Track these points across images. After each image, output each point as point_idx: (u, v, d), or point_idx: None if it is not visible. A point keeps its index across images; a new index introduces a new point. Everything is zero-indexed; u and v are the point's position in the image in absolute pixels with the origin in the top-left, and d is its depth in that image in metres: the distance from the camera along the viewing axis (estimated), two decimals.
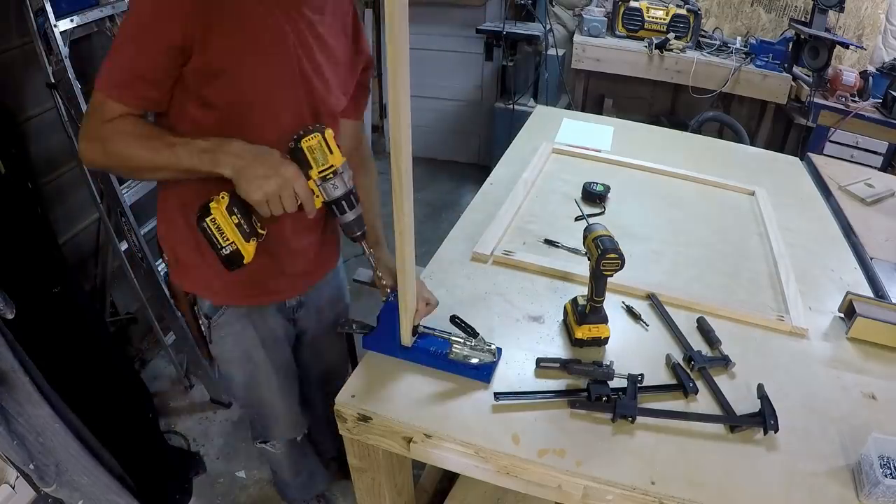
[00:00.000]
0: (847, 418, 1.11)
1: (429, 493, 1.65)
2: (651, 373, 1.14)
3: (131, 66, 0.97)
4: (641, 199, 1.78)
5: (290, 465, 1.67)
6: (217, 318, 1.27)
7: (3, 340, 1.22)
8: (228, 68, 0.99)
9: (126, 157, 1.00)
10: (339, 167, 1.01)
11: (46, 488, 1.33)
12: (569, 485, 0.98)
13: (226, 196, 0.97)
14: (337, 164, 1.01)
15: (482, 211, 1.63)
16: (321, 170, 1.00)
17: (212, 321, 1.28)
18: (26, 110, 1.81)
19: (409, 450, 1.05)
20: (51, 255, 1.73)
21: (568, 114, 2.37)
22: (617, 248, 1.12)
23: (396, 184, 0.93)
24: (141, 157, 0.99)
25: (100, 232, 2.18)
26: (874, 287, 1.51)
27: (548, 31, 3.37)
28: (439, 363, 1.12)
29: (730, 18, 3.57)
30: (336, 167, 1.01)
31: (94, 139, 1.00)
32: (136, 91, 0.99)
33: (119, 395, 1.83)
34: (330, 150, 1.00)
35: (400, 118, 0.86)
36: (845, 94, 3.05)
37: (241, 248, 1.00)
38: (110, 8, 1.82)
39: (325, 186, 1.02)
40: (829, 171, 2.12)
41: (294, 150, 0.99)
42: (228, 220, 0.98)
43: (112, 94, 0.98)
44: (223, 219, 0.97)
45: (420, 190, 3.48)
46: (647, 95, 3.81)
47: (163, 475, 1.87)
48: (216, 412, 2.24)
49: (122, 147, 0.99)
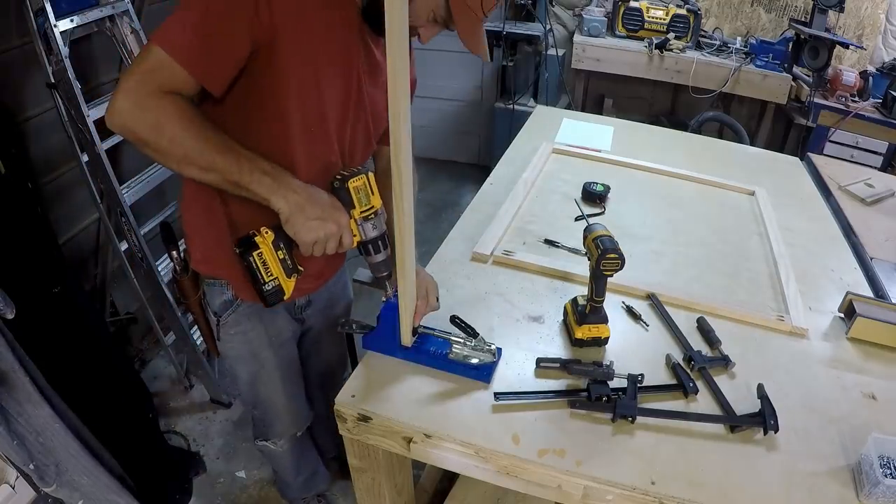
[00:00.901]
0: (847, 418, 1.11)
1: (429, 493, 1.65)
2: (651, 373, 1.14)
3: (207, 32, 0.89)
4: (641, 199, 1.78)
5: (291, 463, 1.67)
6: (226, 317, 1.27)
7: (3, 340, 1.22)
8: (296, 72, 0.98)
9: (180, 142, 0.90)
10: (379, 209, 1.04)
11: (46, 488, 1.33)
12: (569, 485, 0.98)
13: (269, 232, 0.98)
14: (378, 205, 1.04)
15: (482, 211, 1.63)
16: (363, 210, 1.02)
17: (221, 319, 1.28)
18: (26, 110, 1.81)
19: (409, 450, 1.05)
20: (51, 255, 1.73)
21: (568, 114, 2.37)
22: (617, 248, 1.12)
23: (396, 184, 0.93)
24: (198, 151, 0.91)
25: (100, 232, 2.18)
26: (874, 287, 1.51)
27: (548, 31, 3.37)
28: (439, 363, 1.12)
29: (730, 18, 3.57)
30: (377, 209, 1.04)
31: (147, 107, 0.88)
32: (209, 61, 0.90)
33: (119, 395, 1.83)
34: (372, 192, 1.03)
35: (400, 118, 0.86)
36: (845, 94, 3.05)
37: (283, 283, 1.01)
38: (110, 8, 1.82)
39: (364, 226, 1.04)
40: (829, 171, 2.12)
41: (339, 189, 1.01)
42: (274, 255, 0.99)
43: (180, 56, 0.88)
44: (270, 254, 0.98)
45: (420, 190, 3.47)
46: (647, 95, 3.82)
47: (163, 475, 1.87)
48: (216, 412, 2.24)
49: (180, 130, 0.89)
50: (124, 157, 2.11)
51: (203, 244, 1.22)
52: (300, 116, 1.03)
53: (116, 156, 2.04)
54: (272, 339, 1.33)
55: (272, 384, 1.41)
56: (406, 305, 1.08)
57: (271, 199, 0.95)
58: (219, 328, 1.30)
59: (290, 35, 0.95)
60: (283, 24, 0.94)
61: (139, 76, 0.89)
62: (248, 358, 1.35)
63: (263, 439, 1.56)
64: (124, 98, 0.88)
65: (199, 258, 1.24)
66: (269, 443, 1.55)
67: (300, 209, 0.96)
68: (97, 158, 1.78)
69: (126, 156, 2.11)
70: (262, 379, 1.39)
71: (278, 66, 0.97)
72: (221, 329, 1.29)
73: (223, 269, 1.22)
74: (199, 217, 1.20)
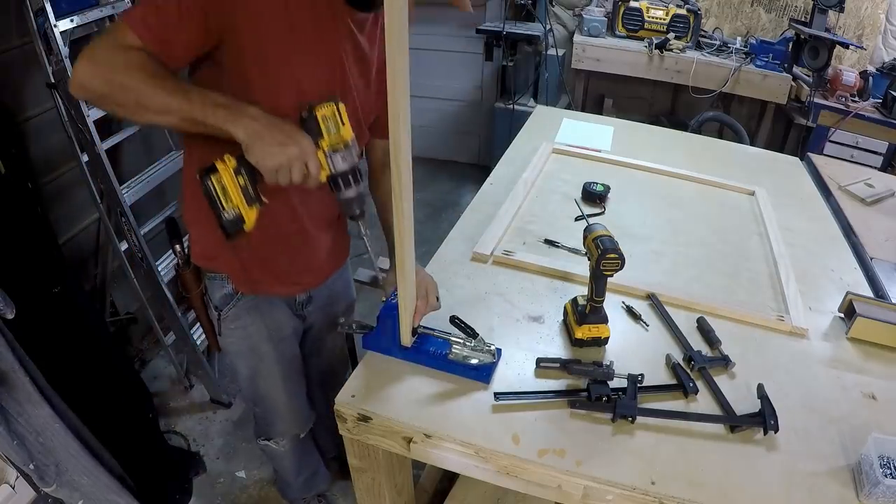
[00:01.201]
0: (847, 418, 1.10)
1: (429, 493, 1.65)
2: (651, 373, 1.14)
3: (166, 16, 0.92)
4: (641, 199, 1.78)
5: (292, 463, 1.67)
6: (227, 311, 1.28)
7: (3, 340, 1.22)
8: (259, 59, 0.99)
9: (131, 89, 0.91)
10: (349, 140, 0.98)
11: (46, 488, 1.33)
12: (569, 485, 0.98)
13: (232, 158, 0.94)
14: (347, 137, 0.98)
15: (482, 211, 1.63)
16: (332, 141, 0.97)
17: (221, 313, 1.29)
18: (26, 110, 1.81)
19: (409, 450, 1.05)
20: (51, 255, 1.73)
21: (568, 114, 2.37)
22: (617, 248, 1.12)
23: (396, 184, 0.93)
24: (148, 95, 0.92)
25: (100, 232, 2.18)
26: (874, 287, 1.51)
27: (548, 31, 3.37)
28: (439, 363, 1.12)
29: (730, 18, 3.57)
30: (346, 140, 0.98)
31: (100, 62, 0.91)
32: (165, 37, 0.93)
33: (119, 395, 1.83)
34: (342, 122, 0.97)
35: (400, 118, 0.86)
36: (845, 94, 3.05)
37: (244, 212, 0.96)
38: (110, 8, 1.82)
39: (333, 158, 0.98)
40: (829, 171, 2.12)
41: (307, 119, 0.96)
42: (235, 181, 0.94)
43: (138, 28, 0.92)
44: (230, 179, 0.94)
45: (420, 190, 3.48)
46: (647, 95, 3.81)
47: (163, 475, 1.87)
48: (216, 412, 2.24)
49: (129, 78, 0.91)
50: (124, 157, 2.11)
51: (203, 238, 1.23)
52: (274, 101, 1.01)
53: (116, 156, 2.04)
54: (272, 333, 1.34)
55: (272, 380, 1.41)
56: (406, 305, 1.08)
57: (229, 128, 0.93)
58: (220, 322, 1.30)
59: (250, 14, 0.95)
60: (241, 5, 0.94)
61: (96, 41, 0.94)
62: (247, 353, 1.35)
63: (266, 438, 1.56)
64: (82, 60, 0.92)
65: (199, 252, 1.25)
66: (271, 442, 1.56)
67: (258, 136, 0.92)
68: (97, 158, 1.78)
69: (126, 156, 2.11)
70: (262, 374, 1.40)
71: (242, 49, 0.97)
72: (222, 323, 1.30)
73: (223, 264, 1.23)
74: (198, 211, 1.20)
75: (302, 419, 1.55)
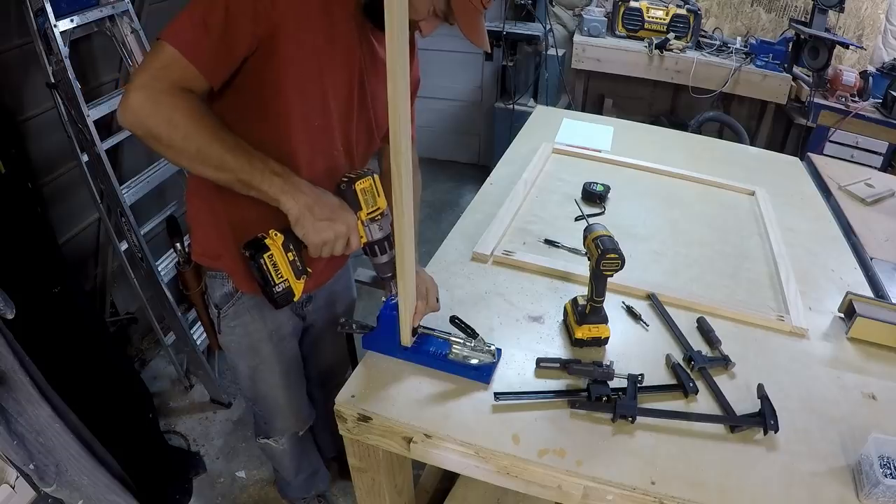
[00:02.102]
0: (847, 418, 1.11)
1: (429, 493, 1.65)
2: (651, 373, 1.14)
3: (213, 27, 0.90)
4: (641, 199, 1.78)
5: (292, 461, 1.67)
6: (227, 309, 1.28)
7: (3, 340, 1.22)
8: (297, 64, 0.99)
9: (193, 138, 0.90)
10: (384, 210, 1.05)
11: (46, 488, 1.33)
12: (569, 485, 0.98)
13: (279, 234, 0.98)
14: (383, 207, 1.04)
15: (482, 211, 1.63)
16: (370, 212, 1.03)
17: (221, 311, 1.29)
18: (26, 110, 1.81)
19: (409, 450, 1.05)
20: (51, 255, 1.73)
21: (568, 114, 2.37)
22: (617, 248, 1.12)
23: (396, 184, 0.93)
24: (211, 148, 0.92)
25: (100, 232, 2.18)
26: (874, 287, 1.51)
27: (548, 31, 3.37)
28: (439, 364, 1.12)
29: (730, 18, 3.57)
30: (382, 210, 1.04)
31: (161, 102, 0.88)
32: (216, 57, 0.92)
33: (119, 395, 1.83)
34: (378, 194, 1.03)
35: (400, 119, 0.86)
36: (845, 94, 3.05)
37: (293, 285, 1.01)
38: (110, 8, 1.81)
39: (370, 228, 1.05)
40: (829, 171, 2.13)
41: (346, 191, 1.01)
42: (284, 257, 0.99)
43: (190, 52, 0.89)
44: (280, 256, 0.98)
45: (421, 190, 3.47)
46: (647, 95, 3.82)
47: (163, 475, 1.87)
48: (216, 412, 2.24)
49: (194, 127, 0.90)
50: (124, 157, 2.11)
51: (204, 237, 1.24)
52: (302, 110, 1.04)
53: (116, 156, 2.04)
54: (272, 332, 1.34)
55: (272, 378, 1.41)
56: (406, 305, 1.08)
57: (281, 199, 0.96)
58: (220, 320, 1.30)
59: (291, 27, 0.96)
60: (284, 16, 0.94)
61: (152, 72, 0.89)
62: (247, 351, 1.35)
63: (265, 437, 1.56)
64: (138, 94, 0.88)
65: (200, 250, 1.26)
66: (270, 441, 1.56)
67: (309, 210, 0.96)
68: (97, 158, 1.78)
69: (126, 156, 2.11)
70: (262, 373, 1.40)
71: (279, 58, 0.97)
72: (222, 321, 1.30)
73: (224, 262, 1.23)
74: (200, 210, 1.21)
75: (301, 417, 1.55)
